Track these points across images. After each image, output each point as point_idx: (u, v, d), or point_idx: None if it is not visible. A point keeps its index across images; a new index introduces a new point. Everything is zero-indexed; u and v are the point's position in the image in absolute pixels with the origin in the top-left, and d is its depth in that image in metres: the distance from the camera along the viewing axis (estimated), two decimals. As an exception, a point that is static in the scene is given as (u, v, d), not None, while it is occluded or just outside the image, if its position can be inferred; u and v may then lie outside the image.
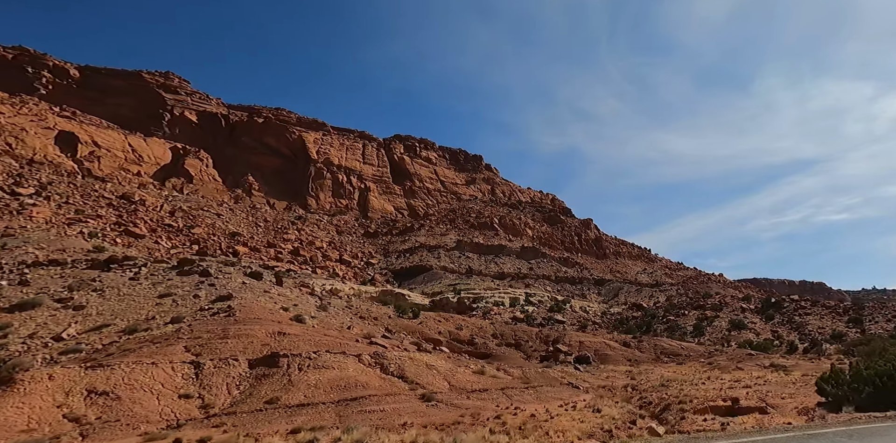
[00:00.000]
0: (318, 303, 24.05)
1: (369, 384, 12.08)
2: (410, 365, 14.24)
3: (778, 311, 70.98)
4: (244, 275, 26.33)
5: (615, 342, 39.63)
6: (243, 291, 20.77)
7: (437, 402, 12.00)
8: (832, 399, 11.55)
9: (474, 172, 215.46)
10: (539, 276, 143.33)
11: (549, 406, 13.38)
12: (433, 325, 34.68)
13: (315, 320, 18.95)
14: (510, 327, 41.77)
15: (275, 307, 18.81)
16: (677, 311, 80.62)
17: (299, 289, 32.04)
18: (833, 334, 55.81)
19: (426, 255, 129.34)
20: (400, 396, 11.98)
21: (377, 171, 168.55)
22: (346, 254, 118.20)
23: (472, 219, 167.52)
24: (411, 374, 13.63)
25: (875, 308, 69.74)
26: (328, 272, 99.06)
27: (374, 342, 16.77)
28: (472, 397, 13.53)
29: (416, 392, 12.55)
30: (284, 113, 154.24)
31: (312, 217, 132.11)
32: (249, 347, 13.61)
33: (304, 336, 14.37)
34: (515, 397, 14.37)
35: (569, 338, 37.63)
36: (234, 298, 18.28)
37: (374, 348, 15.40)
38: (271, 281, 27.76)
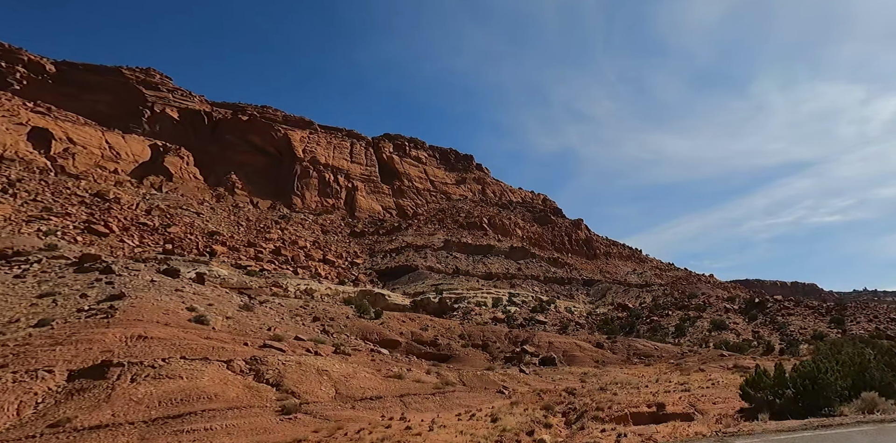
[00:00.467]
0: (243, 303, 22.28)
1: (220, 396, 10.36)
2: (295, 371, 12.54)
3: (761, 311, 70.01)
4: (157, 272, 24.39)
5: (587, 343, 38.13)
6: (146, 290, 18.92)
7: (298, 414, 10.35)
8: (755, 404, 10.12)
9: (465, 172, 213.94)
10: (527, 276, 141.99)
11: (445, 416, 11.84)
12: (395, 325, 32.97)
13: (231, 321, 17.22)
14: (480, 328, 40.20)
15: (176, 307, 16.98)
16: (661, 311, 79.49)
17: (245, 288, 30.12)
18: (814, 334, 54.83)
19: (413, 255, 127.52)
20: (252, 409, 10.31)
21: (365, 170, 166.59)
22: (331, 254, 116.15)
23: (461, 219, 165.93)
24: (291, 381, 11.94)
25: (857, 309, 69.09)
26: (310, 272, 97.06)
27: (269, 345, 15.03)
28: (357, 407, 11.95)
29: (283, 403, 10.85)
30: (270, 111, 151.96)
31: (297, 216, 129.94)
32: (83, 354, 11.78)
33: (171, 340, 12.62)
34: (413, 406, 12.81)
35: (538, 339, 36.08)
36: (127, 298, 16.44)
37: (261, 353, 13.67)
38: (191, 278, 25.89)
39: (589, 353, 34.57)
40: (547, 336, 37.95)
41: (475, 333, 36.90)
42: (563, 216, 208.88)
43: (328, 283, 75.59)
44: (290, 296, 54.99)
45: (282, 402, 10.71)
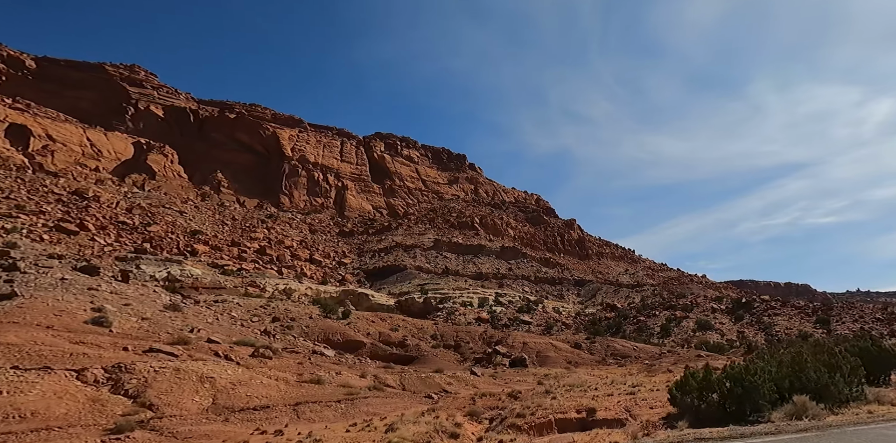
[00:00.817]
0: (171, 302, 20.89)
1: (42, 413, 8.91)
2: (167, 379, 11.15)
3: (748, 311, 69.29)
4: (73, 270, 22.87)
5: (564, 344, 36.94)
6: (50, 289, 17.47)
7: (136, 432, 8.96)
8: (681, 410, 8.93)
9: (457, 172, 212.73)
10: (518, 276, 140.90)
11: (336, 426, 10.57)
12: (363, 325, 31.60)
13: (147, 322, 15.83)
14: (454, 328, 38.90)
15: (77, 308, 15.53)
16: (648, 311, 78.58)
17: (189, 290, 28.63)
18: (799, 334, 54.16)
19: (402, 254, 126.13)
20: (74, 428, 8.91)
21: (356, 169, 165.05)
22: (318, 253, 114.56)
23: (452, 218, 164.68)
24: (155, 392, 10.57)
25: (843, 309, 68.48)
26: (296, 272, 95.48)
27: (157, 350, 13.64)
28: (231, 419, 10.63)
29: (127, 418, 9.48)
30: (259, 109, 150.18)
31: (285, 216, 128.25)
32: None
33: (21, 346, 11.17)
34: (306, 415, 11.51)
35: (513, 339, 34.83)
36: (18, 298, 15.03)
37: (137, 358, 12.28)
38: (113, 276, 24.42)
39: (564, 353, 33.36)
40: (523, 337, 36.73)
41: (448, 333, 35.60)
42: (555, 216, 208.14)
43: (310, 282, 74.07)
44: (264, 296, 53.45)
45: (127, 417, 9.32)
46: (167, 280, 49.64)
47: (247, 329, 22.60)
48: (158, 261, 53.92)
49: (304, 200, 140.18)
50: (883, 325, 57.47)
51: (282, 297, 61.19)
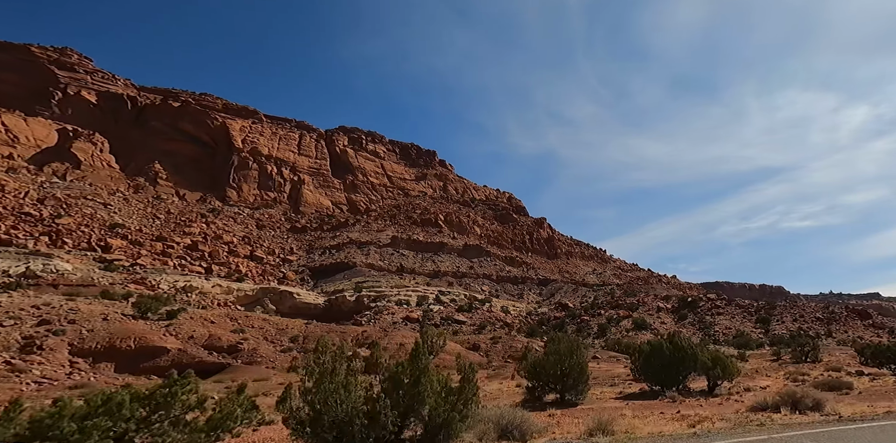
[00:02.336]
0: None
1: None
2: None
3: (692, 310, 65.44)
4: None
5: (459, 345, 31.47)
6: None
7: None
8: None
9: (426, 168, 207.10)
10: (479, 275, 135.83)
11: None
12: (189, 327, 25.77)
13: None
14: (327, 328, 33.20)
15: None
16: (594, 311, 74.28)
17: None
18: (736, 334, 50.57)
19: (354, 252, 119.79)
20: None
21: (314, 163, 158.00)
22: (261, 250, 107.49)
23: (415, 215, 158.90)
24: None
25: (786, 308, 65.26)
26: (228, 269, 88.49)
27: None
28: None
29: None
30: (209, 98, 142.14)
31: (230, 210, 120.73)
32: None
33: None
34: None
35: (390, 339, 29.27)
36: None
37: None
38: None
39: (450, 356, 28.17)
40: (405, 337, 31.25)
41: (314, 334, 30.00)
42: (526, 215, 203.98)
43: (222, 280, 67.28)
44: (151, 293, 46.76)
45: None
46: (23, 276, 42.76)
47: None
48: (20, 254, 46.90)
49: (255, 195, 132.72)
50: (822, 324, 54.17)
51: (182, 295, 54.62)
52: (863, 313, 62.60)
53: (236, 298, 58.92)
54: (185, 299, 49.30)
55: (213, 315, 28.77)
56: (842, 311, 63.40)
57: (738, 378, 17.48)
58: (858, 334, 51.39)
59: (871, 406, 12.13)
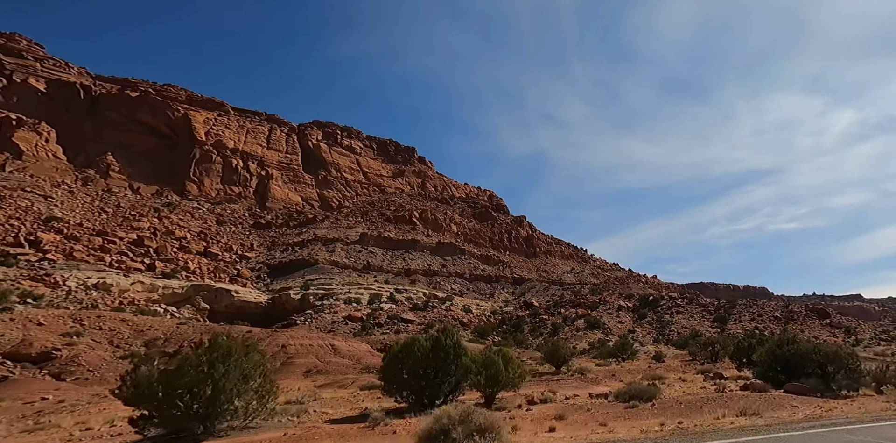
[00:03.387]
0: None
1: None
2: None
3: (653, 309, 62.33)
4: None
5: (363, 345, 27.42)
6: None
7: None
8: None
9: (404, 165, 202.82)
10: (451, 273, 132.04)
11: None
12: (22, 329, 21.24)
13: None
14: (203, 328, 28.99)
15: None
16: (555, 310, 70.87)
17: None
18: (691, 333, 47.61)
19: (319, 249, 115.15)
20: None
21: (284, 157, 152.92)
22: (217, 246, 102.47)
23: (389, 212, 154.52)
24: None
25: (745, 307, 62.47)
26: (176, 265, 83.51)
27: None
28: None
29: None
30: (172, 89, 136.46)
31: (188, 205, 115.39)
32: None
33: None
34: None
35: (277, 341, 25.15)
36: None
37: None
38: None
39: (322, 359, 24.09)
40: (299, 337, 27.20)
41: (184, 336, 25.90)
42: (506, 213, 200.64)
43: (145, 277, 62.36)
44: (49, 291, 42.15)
45: None
46: None
47: None
48: None
49: (218, 189, 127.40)
50: (779, 323, 51.32)
51: (93, 292, 49.88)
52: (821, 313, 59.93)
53: (161, 296, 54.34)
54: (80, 298, 44.62)
55: (44, 316, 24.41)
56: (801, 310, 60.82)
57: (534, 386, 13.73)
58: (814, 334, 48.73)
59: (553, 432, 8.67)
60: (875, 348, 39.83)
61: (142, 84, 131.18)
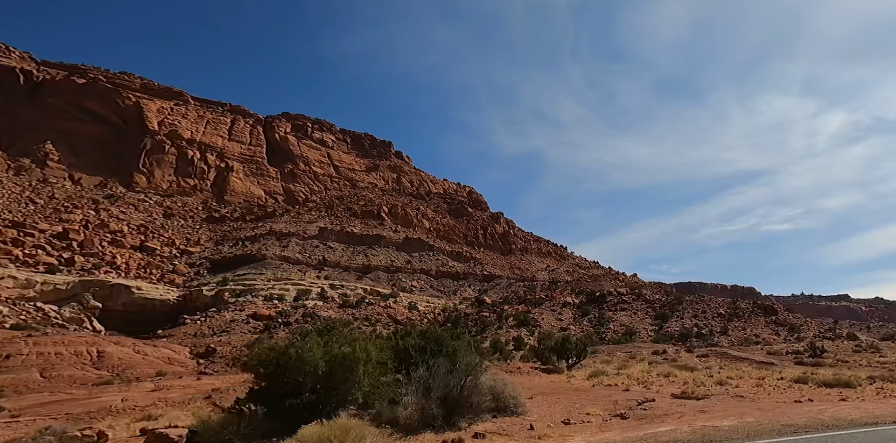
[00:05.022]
0: None
1: None
2: None
3: (599, 306, 57.52)
4: None
5: (181, 350, 22.17)
6: None
7: None
8: None
9: (379, 159, 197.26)
10: (416, 270, 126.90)
11: None
12: None
13: None
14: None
15: None
16: (499, 307, 65.93)
17: None
18: (625, 331, 42.93)
19: (271, 243, 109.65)
20: None
21: (247, 150, 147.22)
22: (157, 240, 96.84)
23: (357, 207, 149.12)
24: None
25: (691, 303, 57.71)
26: (100, 260, 78.04)
27: None
28: None
29: None
30: (126, 77, 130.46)
31: (134, 197, 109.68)
32: None
33: None
34: None
35: (31, 348, 19.77)
36: None
37: None
38: None
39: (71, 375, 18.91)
40: (82, 344, 22.03)
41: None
42: (483, 209, 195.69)
43: (26, 272, 56.62)
44: None
45: None
46: None
47: None
48: None
49: (170, 181, 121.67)
50: (721, 320, 46.60)
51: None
52: (768, 309, 55.36)
53: (39, 292, 48.90)
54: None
55: None
56: (747, 306, 56.21)
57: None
58: (756, 331, 44.18)
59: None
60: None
61: (92, 71, 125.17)
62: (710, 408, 10.98)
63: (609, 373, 18.37)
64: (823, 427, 8.96)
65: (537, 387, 15.07)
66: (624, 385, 15.50)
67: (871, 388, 14.72)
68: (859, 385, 14.93)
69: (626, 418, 10.04)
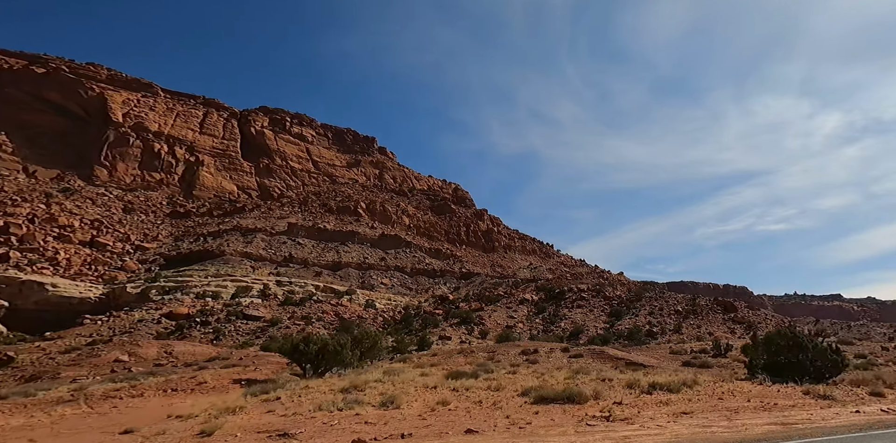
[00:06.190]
0: None
1: None
2: None
3: (556, 303, 53.78)
4: None
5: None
6: None
7: None
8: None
9: (361, 155, 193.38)
10: (390, 267, 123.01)
11: None
12: None
13: None
14: None
15: None
16: (454, 304, 62.23)
17: None
18: (574, 329, 39.47)
19: (235, 239, 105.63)
20: None
21: (220, 143, 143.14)
22: (110, 236, 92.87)
23: (333, 203, 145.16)
24: None
25: (650, 300, 54.02)
26: (40, 255, 74.13)
27: None
28: None
29: None
30: (91, 67, 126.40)
31: (93, 191, 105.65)
32: None
33: None
34: None
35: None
36: None
37: None
38: None
39: None
40: None
41: None
42: (466, 206, 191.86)
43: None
44: None
45: None
46: None
47: None
48: None
49: (134, 175, 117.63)
50: (677, 317, 42.98)
51: None
52: (728, 306, 51.86)
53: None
54: None
55: None
56: (707, 303, 52.67)
57: None
58: (711, 329, 40.67)
59: None
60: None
61: (54, 61, 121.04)
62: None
63: (370, 382, 13.92)
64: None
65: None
66: (308, 415, 10.74)
67: (705, 393, 11.17)
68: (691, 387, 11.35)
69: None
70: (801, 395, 11.59)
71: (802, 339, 14.18)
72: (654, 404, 10.61)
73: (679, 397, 11.15)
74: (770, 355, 14.33)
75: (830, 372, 13.53)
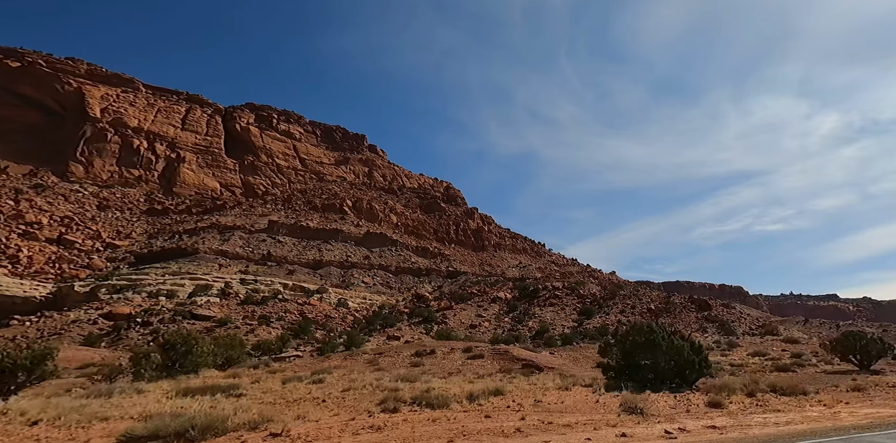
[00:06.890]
0: None
1: None
2: None
3: (529, 302, 51.51)
4: None
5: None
6: None
7: None
8: None
9: (350, 153, 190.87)
10: (374, 265, 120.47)
11: None
12: None
13: None
14: None
15: None
16: (425, 303, 59.98)
17: None
18: (540, 328, 37.41)
19: (211, 237, 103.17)
20: None
21: (203, 140, 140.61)
22: (81, 233, 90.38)
23: (319, 201, 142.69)
24: None
25: (623, 298, 51.77)
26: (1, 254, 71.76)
27: None
28: None
29: None
30: (70, 62, 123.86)
31: (66, 187, 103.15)
32: None
33: None
34: None
35: None
36: None
37: None
38: None
39: None
40: None
41: None
42: (458, 205, 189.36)
43: None
44: None
45: None
46: None
47: None
48: None
49: (112, 171, 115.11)
50: (650, 315, 40.84)
51: None
52: (702, 304, 49.58)
53: None
54: None
55: None
56: (682, 301, 50.43)
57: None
58: (681, 328, 38.47)
59: None
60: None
61: (31, 55, 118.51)
62: None
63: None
64: None
65: None
66: None
67: (491, 406, 8.66)
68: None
69: None
70: (616, 408, 9.18)
71: (657, 334, 11.67)
72: (395, 424, 7.80)
73: (441, 415, 8.57)
74: (625, 356, 11.85)
75: (695, 375, 11.12)
